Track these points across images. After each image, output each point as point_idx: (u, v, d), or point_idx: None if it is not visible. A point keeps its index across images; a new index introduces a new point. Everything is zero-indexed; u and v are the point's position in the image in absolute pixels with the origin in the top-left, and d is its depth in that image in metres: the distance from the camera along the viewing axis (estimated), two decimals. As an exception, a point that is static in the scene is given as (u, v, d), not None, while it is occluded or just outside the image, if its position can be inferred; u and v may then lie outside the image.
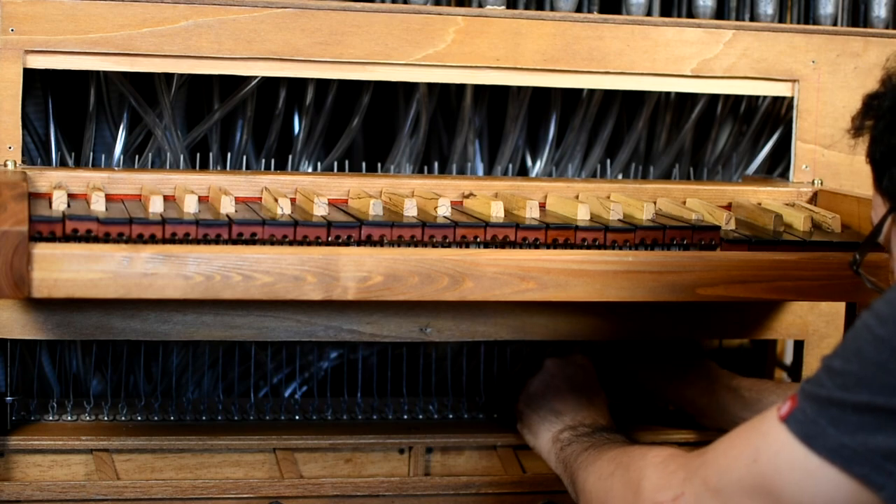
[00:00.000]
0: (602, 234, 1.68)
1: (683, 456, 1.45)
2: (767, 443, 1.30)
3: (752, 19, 2.03)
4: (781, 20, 2.05)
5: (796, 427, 1.28)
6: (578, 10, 1.97)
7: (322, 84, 2.00)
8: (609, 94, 2.11)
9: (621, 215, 1.74)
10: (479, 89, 2.08)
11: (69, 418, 1.90)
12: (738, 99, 2.16)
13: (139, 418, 1.92)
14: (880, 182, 1.37)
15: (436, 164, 2.11)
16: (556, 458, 1.77)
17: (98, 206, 1.61)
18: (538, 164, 2.13)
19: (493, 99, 2.12)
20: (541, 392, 1.86)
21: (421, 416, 2.00)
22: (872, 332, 1.25)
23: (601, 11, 2.01)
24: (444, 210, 1.70)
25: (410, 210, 1.70)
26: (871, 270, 1.48)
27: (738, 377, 1.96)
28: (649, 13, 2.00)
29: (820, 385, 1.28)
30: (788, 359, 2.20)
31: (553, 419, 1.82)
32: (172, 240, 1.57)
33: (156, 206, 1.64)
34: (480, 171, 2.14)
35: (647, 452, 1.52)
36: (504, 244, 1.66)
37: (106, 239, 1.55)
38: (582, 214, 1.73)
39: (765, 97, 2.13)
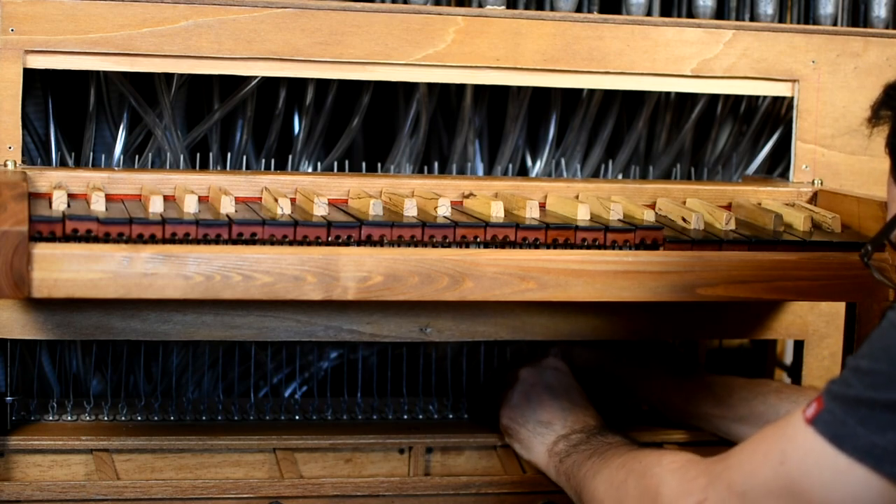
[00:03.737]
0: (602, 234, 1.68)
1: (703, 461, 1.45)
2: (794, 445, 1.30)
3: (752, 19, 2.03)
4: (781, 20, 2.05)
5: (824, 428, 1.27)
6: (578, 10, 1.97)
7: (322, 84, 2.00)
8: (609, 94, 2.10)
9: (621, 215, 1.74)
10: (479, 89, 2.08)
11: (69, 418, 1.90)
12: (738, 99, 2.16)
13: (139, 418, 1.92)
14: None
15: (436, 164, 2.11)
16: (556, 472, 1.77)
17: (98, 206, 1.61)
18: (538, 164, 2.13)
19: (493, 99, 2.12)
20: (523, 404, 1.86)
21: (421, 416, 2.00)
22: None
23: (601, 11, 2.01)
24: (444, 210, 1.70)
25: (410, 210, 1.69)
26: (880, 263, 1.47)
27: (710, 375, 1.97)
28: (649, 13, 2.00)
29: (848, 385, 1.27)
30: (788, 359, 2.20)
31: (543, 431, 1.82)
32: (172, 240, 1.57)
33: (156, 206, 1.63)
34: (480, 171, 2.14)
35: (661, 458, 1.51)
36: (504, 244, 1.66)
37: (106, 239, 1.54)
38: (582, 214, 1.73)
39: (765, 97, 2.13)
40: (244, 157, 2.01)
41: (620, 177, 2.14)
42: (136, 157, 1.97)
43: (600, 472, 1.63)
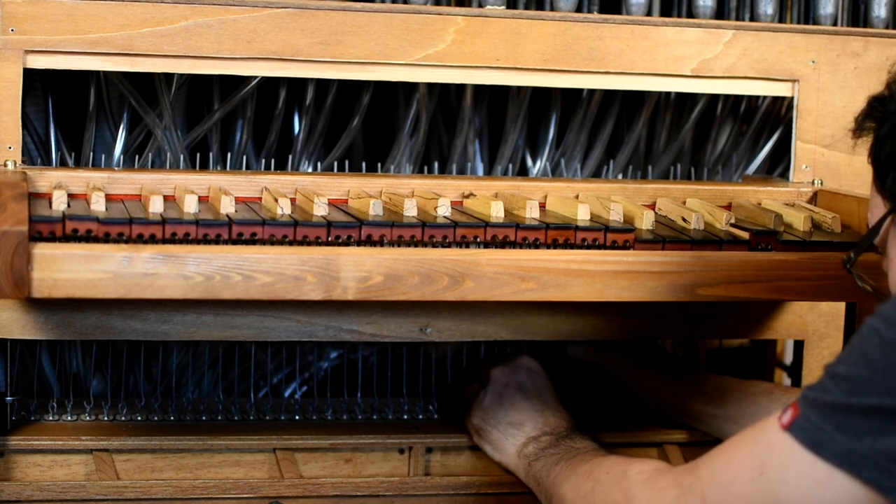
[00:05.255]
0: (602, 234, 1.67)
1: (671, 471, 1.44)
2: (772, 454, 1.29)
3: (752, 19, 2.02)
4: (781, 20, 2.05)
5: (801, 435, 1.27)
6: (578, 10, 1.97)
7: (322, 84, 2.00)
8: (609, 94, 2.10)
9: (621, 215, 1.74)
10: (479, 89, 2.07)
11: (69, 418, 1.90)
12: (738, 99, 2.16)
13: (139, 418, 1.92)
14: (883, 182, 1.37)
15: (436, 164, 2.11)
16: (525, 474, 1.77)
17: (98, 206, 1.61)
18: (538, 163, 2.13)
19: (493, 99, 2.12)
20: (495, 405, 1.86)
21: (421, 417, 1.99)
22: (881, 335, 1.24)
23: (601, 11, 2.00)
24: (444, 210, 1.70)
25: (410, 210, 1.69)
26: (864, 270, 1.47)
27: (701, 374, 1.98)
28: (649, 13, 1.99)
29: (824, 391, 1.27)
30: (788, 359, 2.20)
31: (514, 432, 1.82)
32: (172, 240, 1.57)
33: (156, 206, 1.63)
34: (480, 171, 2.14)
35: (627, 468, 1.50)
36: (504, 244, 1.66)
37: (106, 239, 1.54)
38: (582, 214, 1.72)
39: (765, 97, 2.12)
40: (244, 157, 2.01)
41: (620, 177, 2.13)
42: (136, 157, 1.97)
43: (567, 480, 1.62)
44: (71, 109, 1.96)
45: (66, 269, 1.45)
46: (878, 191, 1.39)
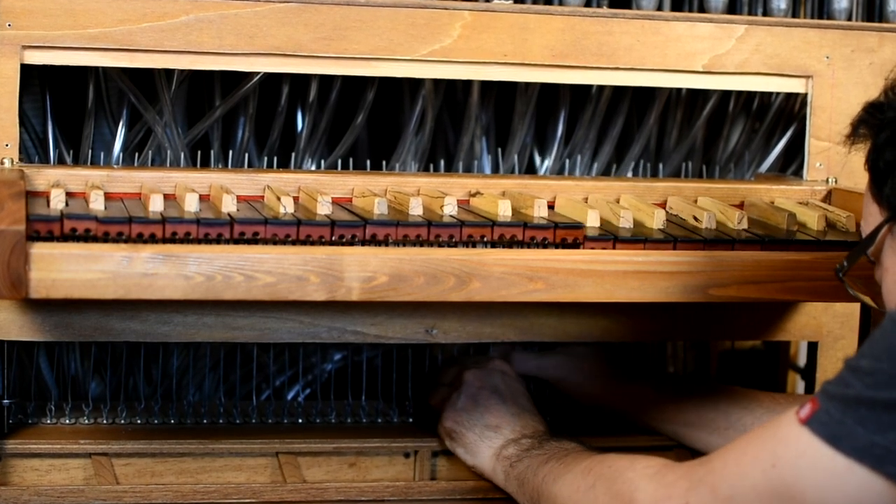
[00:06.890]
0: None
1: (681, 466, 1.42)
2: (787, 447, 1.28)
3: (764, 14, 2.00)
4: (795, 15, 2.03)
5: (820, 428, 1.26)
6: (587, 4, 1.95)
7: (326, 80, 1.98)
8: (619, 91, 2.08)
9: (631, 218, 1.71)
10: (486, 85, 2.06)
11: (67, 421, 1.88)
12: (750, 95, 2.14)
13: (139, 421, 1.90)
14: (880, 190, 1.37)
15: (442, 162, 2.09)
16: (505, 476, 1.75)
17: (97, 204, 1.59)
18: (546, 161, 2.11)
19: (501, 95, 2.10)
20: (470, 408, 1.84)
21: (427, 419, 1.98)
22: None
23: (611, 6, 1.98)
24: (450, 209, 1.68)
25: (416, 209, 1.68)
26: (857, 279, 1.47)
27: (661, 378, 1.98)
28: (660, 8, 1.98)
29: (846, 385, 1.26)
30: (802, 360, 2.18)
31: (491, 435, 1.80)
32: (173, 239, 1.55)
33: (156, 205, 1.62)
34: (487, 169, 2.12)
35: (633, 462, 1.49)
36: (511, 244, 1.64)
37: (105, 238, 1.53)
38: (591, 214, 1.70)
39: (778, 93, 2.10)
40: (246, 155, 1.99)
41: (630, 175, 2.12)
42: (136, 154, 1.96)
43: (562, 477, 1.60)
44: (69, 106, 1.94)
45: (64, 269, 1.44)
46: (875, 199, 1.39)
